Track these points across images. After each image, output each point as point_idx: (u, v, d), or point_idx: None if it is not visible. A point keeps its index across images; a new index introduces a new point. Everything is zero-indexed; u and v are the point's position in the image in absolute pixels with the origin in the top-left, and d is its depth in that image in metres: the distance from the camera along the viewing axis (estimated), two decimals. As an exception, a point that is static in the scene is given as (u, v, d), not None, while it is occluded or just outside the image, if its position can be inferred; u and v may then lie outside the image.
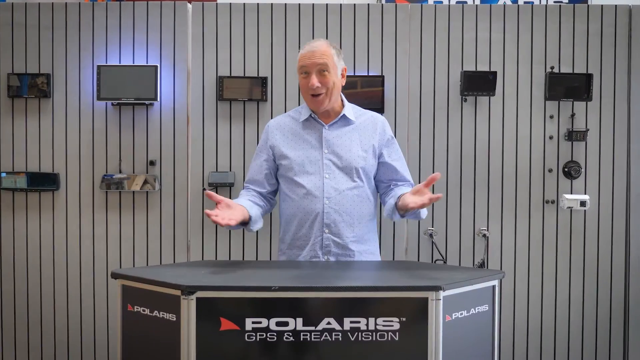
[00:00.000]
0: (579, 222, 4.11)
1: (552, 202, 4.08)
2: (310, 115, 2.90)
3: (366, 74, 4.02)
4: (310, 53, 2.79)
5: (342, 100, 2.98)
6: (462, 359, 2.18)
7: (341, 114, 2.89)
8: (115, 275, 2.29)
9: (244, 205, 2.75)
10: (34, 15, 4.03)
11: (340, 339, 2.08)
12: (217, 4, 4.03)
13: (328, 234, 2.86)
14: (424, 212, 2.86)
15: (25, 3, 4.04)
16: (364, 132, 2.93)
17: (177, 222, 4.06)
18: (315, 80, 2.77)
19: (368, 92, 3.96)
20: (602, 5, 4.07)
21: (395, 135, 3.92)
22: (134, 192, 4.04)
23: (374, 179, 3.00)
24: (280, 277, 2.42)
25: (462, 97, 4.05)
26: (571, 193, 4.07)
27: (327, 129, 2.89)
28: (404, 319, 2.08)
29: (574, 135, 4.02)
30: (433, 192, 4.03)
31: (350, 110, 2.95)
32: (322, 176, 2.85)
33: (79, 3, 4.03)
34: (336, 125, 2.91)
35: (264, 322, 2.08)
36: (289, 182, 2.91)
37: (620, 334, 4.14)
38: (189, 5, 4.05)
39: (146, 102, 3.95)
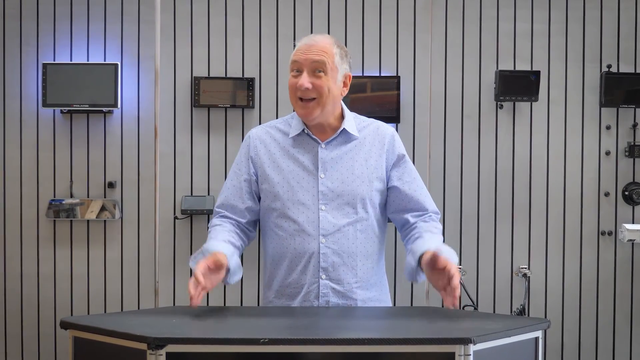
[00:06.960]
0: (643, 259, 4.15)
1: (610, 233, 4.11)
2: (303, 130, 2.88)
3: (378, 75, 4.07)
4: (306, 47, 2.76)
5: (342, 111, 2.95)
6: None
7: (341, 129, 2.86)
8: (65, 325, 2.29)
9: (225, 252, 2.72)
10: (-35, 2, 4.09)
11: (345, 404, 2.10)
12: (192, -13, 4.10)
13: (326, 280, 2.82)
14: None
15: (-46, -15, 4.08)
16: (370, 149, 2.90)
17: (143, 258, 4.08)
18: (305, 80, 2.73)
19: (380, 97, 4.00)
20: (671, -11, 4.13)
21: (414, 151, 3.97)
22: (88, 221, 4.07)
23: (386, 208, 2.97)
24: (271, 326, 2.42)
25: (497, 103, 4.09)
26: (633, 222, 4.09)
27: (323, 147, 2.87)
28: (424, 380, 2.10)
29: (637, 151, 4.06)
30: (461, 222, 4.06)
31: (352, 122, 2.93)
32: (318, 208, 2.83)
33: (22, -14, 4.09)
34: (335, 143, 2.87)
35: (251, 383, 2.10)
36: (274, 214, 2.88)
37: (696, 400, 4.16)
38: (158, -11, 4.11)
39: (104, 109, 3.99)
